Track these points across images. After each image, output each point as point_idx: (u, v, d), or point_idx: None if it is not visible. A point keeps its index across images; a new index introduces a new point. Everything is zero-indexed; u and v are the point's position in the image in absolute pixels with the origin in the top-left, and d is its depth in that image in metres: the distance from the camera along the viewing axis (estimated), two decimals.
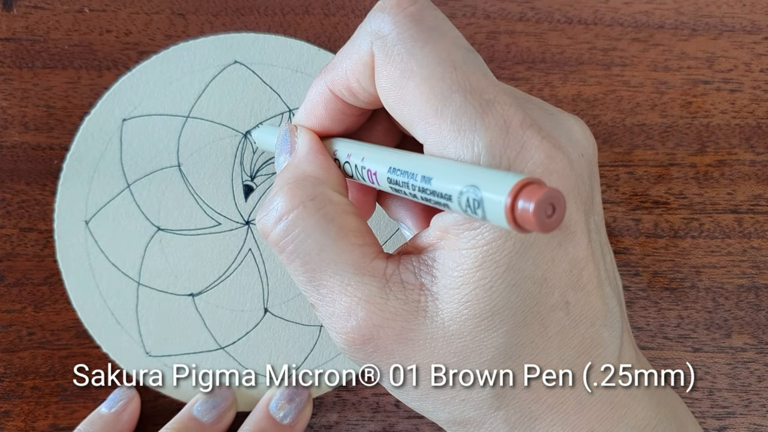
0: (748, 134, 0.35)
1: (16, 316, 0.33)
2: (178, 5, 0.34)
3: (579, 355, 0.21)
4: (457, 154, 0.19)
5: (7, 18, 0.33)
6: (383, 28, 0.21)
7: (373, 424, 0.34)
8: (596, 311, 0.21)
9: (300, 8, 0.34)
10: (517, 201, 0.16)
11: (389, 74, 0.21)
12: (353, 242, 0.21)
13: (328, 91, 0.23)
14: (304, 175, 0.22)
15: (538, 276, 0.20)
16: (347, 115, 0.24)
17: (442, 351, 0.20)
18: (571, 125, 0.22)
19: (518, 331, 0.20)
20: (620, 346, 0.22)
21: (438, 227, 0.20)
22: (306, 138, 0.24)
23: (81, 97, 0.33)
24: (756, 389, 0.35)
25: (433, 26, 0.21)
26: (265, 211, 0.22)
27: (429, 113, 0.20)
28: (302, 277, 0.22)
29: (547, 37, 0.34)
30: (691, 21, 0.35)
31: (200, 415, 0.32)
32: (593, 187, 0.22)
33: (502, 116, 0.19)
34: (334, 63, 0.23)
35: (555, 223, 0.16)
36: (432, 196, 0.19)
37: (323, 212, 0.21)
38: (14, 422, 0.33)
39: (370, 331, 0.21)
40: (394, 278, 0.21)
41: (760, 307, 0.35)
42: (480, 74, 0.20)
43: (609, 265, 0.23)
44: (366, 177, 0.22)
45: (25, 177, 0.33)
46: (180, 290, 0.33)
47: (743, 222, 0.35)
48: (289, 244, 0.21)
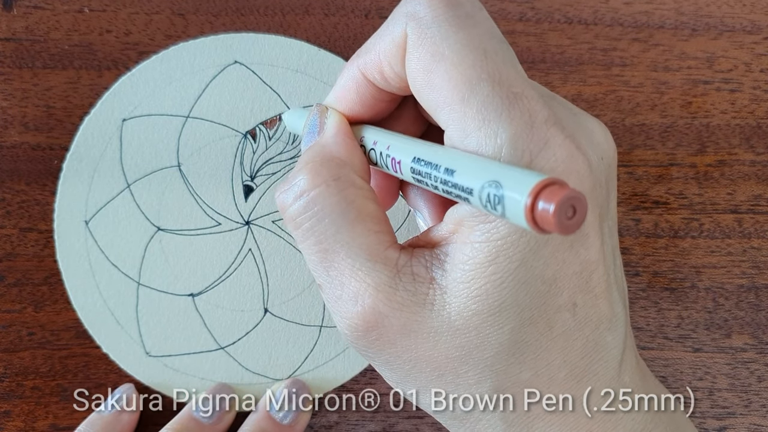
0: (748, 134, 0.35)
1: (16, 316, 0.33)
2: (178, 5, 0.34)
3: (582, 357, 0.21)
4: (479, 143, 0.19)
5: (7, 18, 0.33)
6: (419, 10, 0.21)
7: (373, 424, 0.34)
8: (602, 315, 0.21)
9: (300, 8, 0.34)
10: (538, 201, 0.16)
11: (420, 56, 0.20)
12: (370, 228, 0.21)
13: (360, 74, 0.23)
14: (330, 156, 0.22)
15: (549, 275, 0.20)
16: (377, 100, 0.23)
17: (445, 345, 0.20)
18: (593, 128, 0.22)
19: (523, 330, 0.20)
20: (623, 350, 0.22)
21: (453, 219, 0.20)
22: (335, 120, 0.23)
23: (81, 97, 0.33)
24: (756, 389, 0.35)
25: (469, 13, 0.21)
26: (287, 186, 0.22)
27: (455, 99, 0.20)
28: (314, 256, 0.21)
29: (547, 37, 0.34)
30: (691, 21, 0.35)
31: (200, 415, 0.32)
32: (610, 191, 0.22)
33: (528, 111, 0.19)
34: (366, 46, 0.23)
35: (575, 225, 0.16)
36: (453, 188, 0.19)
37: (344, 194, 0.21)
38: (14, 422, 0.33)
39: (375, 319, 0.21)
40: (405, 270, 0.21)
41: (760, 307, 0.35)
42: (510, 66, 0.20)
43: (618, 270, 0.23)
44: (390, 165, 0.22)
45: (25, 177, 0.33)
46: (180, 290, 0.33)
47: (743, 222, 0.35)
48: (306, 221, 0.21)
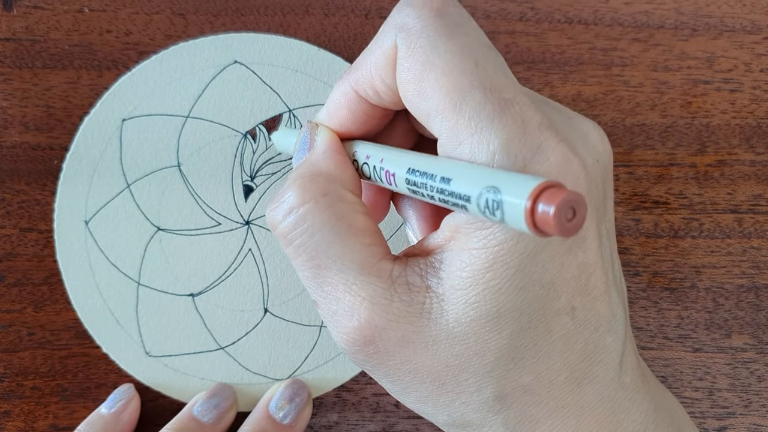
0: (748, 134, 0.35)
1: (16, 316, 0.33)
2: (178, 5, 0.34)
3: (581, 359, 0.21)
4: (472, 150, 0.19)
5: (7, 18, 0.33)
6: (408, 21, 0.21)
7: (373, 424, 0.34)
8: (601, 317, 0.21)
9: (300, 8, 0.34)
10: (537, 204, 0.16)
11: (410, 66, 0.21)
12: (361, 241, 0.21)
13: (353, 91, 0.23)
14: (318, 172, 0.22)
15: (547, 280, 0.20)
16: (369, 117, 0.24)
17: (444, 354, 0.20)
18: (588, 130, 0.22)
19: (522, 334, 0.20)
20: (622, 352, 0.22)
21: (449, 227, 0.20)
22: (325, 136, 0.24)
23: (81, 97, 0.33)
24: (756, 389, 0.35)
25: (458, 23, 0.21)
26: (276, 203, 0.22)
27: (447, 107, 0.20)
28: (307, 272, 0.22)
29: (547, 37, 0.34)
30: (691, 21, 0.35)
31: (200, 415, 0.32)
32: (606, 193, 0.22)
33: (520, 116, 0.19)
34: (358, 62, 0.23)
35: (575, 227, 0.16)
36: (450, 197, 0.19)
37: (334, 209, 0.21)
38: (14, 422, 0.33)
39: (372, 332, 0.20)
40: (400, 280, 0.21)
41: (760, 307, 0.35)
42: (501, 73, 0.20)
43: (617, 272, 0.23)
44: (384, 178, 0.22)
45: (25, 177, 0.33)
46: (180, 290, 0.33)
47: (743, 222, 0.35)
48: (297, 238, 0.21)
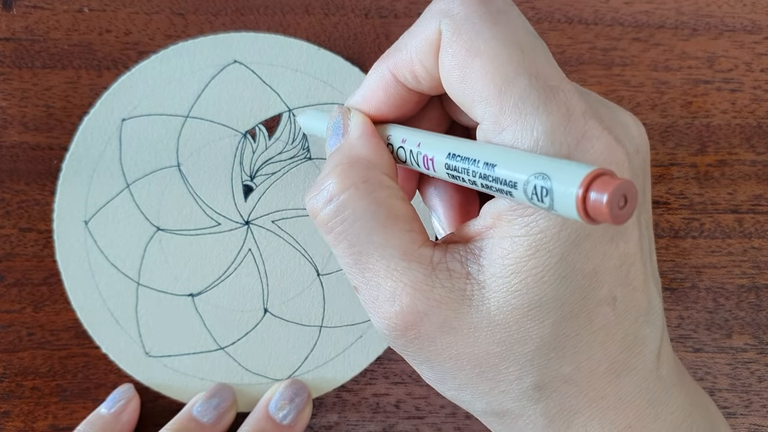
0: (749, 134, 0.35)
1: (16, 317, 0.33)
2: (178, 5, 0.34)
3: (621, 350, 0.21)
4: (515, 136, 0.19)
5: (6, 18, 0.33)
6: (452, 7, 0.21)
7: (373, 425, 0.34)
8: (640, 308, 0.21)
9: (300, 8, 0.34)
10: (590, 192, 0.16)
11: (455, 52, 0.20)
12: (402, 228, 0.21)
13: (390, 75, 0.23)
14: (357, 158, 0.22)
15: (589, 269, 0.20)
16: (405, 101, 0.23)
17: (485, 341, 0.20)
18: (627, 121, 0.22)
19: (564, 324, 0.20)
20: (660, 344, 0.22)
21: (490, 214, 0.20)
22: (359, 121, 0.23)
23: (80, 97, 0.33)
24: (756, 389, 0.35)
25: (502, 9, 0.21)
26: (315, 191, 0.22)
27: (492, 93, 0.20)
28: (348, 259, 0.21)
29: (547, 37, 0.34)
30: (691, 21, 0.35)
31: (200, 415, 0.32)
32: (645, 184, 0.22)
33: (565, 104, 0.19)
34: (397, 46, 0.22)
35: (626, 215, 0.16)
36: (494, 183, 0.19)
37: (374, 196, 0.21)
38: (14, 422, 0.33)
39: (414, 318, 0.20)
40: (441, 266, 0.21)
41: (760, 308, 0.35)
42: (546, 61, 0.20)
43: (654, 263, 0.23)
44: (421, 163, 0.22)
45: (24, 177, 0.33)
46: (180, 290, 0.33)
47: (744, 222, 0.35)
48: (338, 226, 0.21)
